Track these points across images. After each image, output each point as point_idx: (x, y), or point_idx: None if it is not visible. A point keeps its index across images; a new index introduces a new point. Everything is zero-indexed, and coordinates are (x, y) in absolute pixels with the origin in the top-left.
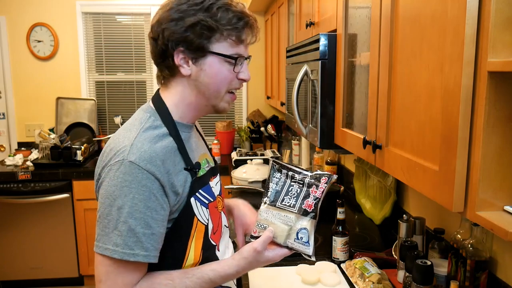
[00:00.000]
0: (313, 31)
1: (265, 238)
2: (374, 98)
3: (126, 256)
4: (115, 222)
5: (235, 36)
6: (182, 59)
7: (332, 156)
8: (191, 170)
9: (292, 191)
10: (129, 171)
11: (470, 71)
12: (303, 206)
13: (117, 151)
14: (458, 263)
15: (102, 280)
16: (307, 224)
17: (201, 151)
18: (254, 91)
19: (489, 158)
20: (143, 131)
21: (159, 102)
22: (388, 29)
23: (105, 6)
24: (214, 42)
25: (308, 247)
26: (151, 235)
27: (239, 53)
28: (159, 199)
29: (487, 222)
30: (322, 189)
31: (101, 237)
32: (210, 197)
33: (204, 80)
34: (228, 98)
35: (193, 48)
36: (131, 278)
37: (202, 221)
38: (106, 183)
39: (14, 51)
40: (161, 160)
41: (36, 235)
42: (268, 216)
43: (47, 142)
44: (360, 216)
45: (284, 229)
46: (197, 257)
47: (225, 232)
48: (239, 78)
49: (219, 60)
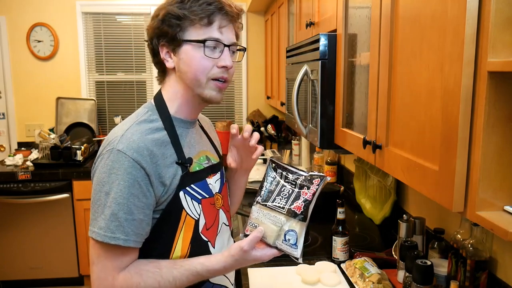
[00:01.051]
0: (313, 31)
1: (252, 238)
2: (374, 98)
3: (107, 239)
4: (102, 207)
5: (204, 20)
6: (166, 53)
7: (332, 156)
8: (181, 164)
9: (284, 192)
10: (117, 159)
11: (470, 71)
12: (292, 207)
13: (110, 141)
14: (458, 263)
15: (94, 262)
16: (296, 226)
17: (202, 148)
18: (254, 91)
19: (489, 158)
20: (137, 123)
21: (158, 98)
22: (388, 29)
23: (105, 6)
24: (186, 30)
25: (296, 249)
26: (132, 221)
27: (212, 37)
28: (143, 187)
29: (487, 222)
30: (313, 191)
31: (92, 221)
32: (205, 193)
33: (183, 69)
34: (213, 86)
35: (170, 39)
36: (119, 263)
37: (192, 215)
38: (98, 171)
39: (14, 51)
40: (149, 151)
41: (36, 235)
42: (259, 216)
43: (47, 142)
44: (360, 216)
45: (274, 229)
46: (185, 250)
47: (223, 231)
48: (218, 65)
49: (192, 47)
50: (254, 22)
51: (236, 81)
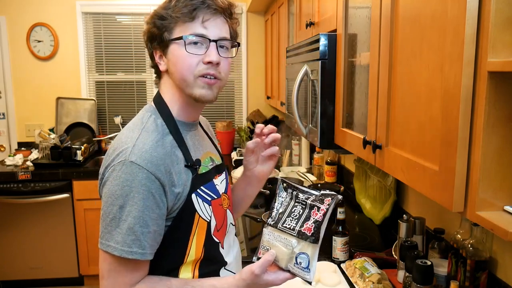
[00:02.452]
0: (313, 31)
1: (264, 262)
2: (374, 98)
3: (125, 254)
4: (117, 220)
5: (187, 16)
6: (159, 57)
7: (332, 156)
8: (191, 167)
9: (295, 213)
10: (130, 171)
11: (470, 71)
12: (302, 229)
13: (120, 151)
14: (458, 263)
15: (105, 276)
16: (307, 248)
17: (205, 150)
18: (254, 91)
19: (489, 158)
20: (145, 130)
21: (159, 101)
22: (388, 29)
23: (105, 6)
24: (172, 30)
25: (308, 273)
26: (147, 233)
27: (195, 32)
28: (157, 198)
29: (487, 222)
30: (324, 211)
31: (104, 234)
32: (214, 194)
33: (172, 70)
34: (201, 83)
35: (159, 41)
36: (130, 278)
37: (204, 217)
38: (109, 183)
39: (14, 51)
40: (162, 160)
41: (36, 235)
42: (270, 238)
43: (47, 142)
44: (360, 216)
45: (285, 252)
46: (199, 253)
47: (230, 230)
48: (204, 61)
49: (178, 46)
50: (254, 22)
51: (236, 81)
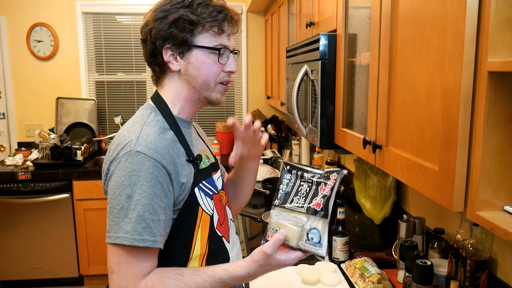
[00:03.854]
0: (313, 31)
1: (275, 241)
2: (374, 98)
3: (136, 242)
4: (125, 210)
5: (216, 27)
6: (170, 55)
7: (332, 156)
8: (193, 162)
9: (302, 191)
10: (137, 161)
11: (470, 71)
12: (311, 205)
13: (124, 144)
14: (458, 263)
15: (114, 270)
16: (318, 223)
17: (201, 147)
18: (254, 91)
19: (489, 158)
20: (147, 125)
21: (158, 100)
22: (388, 29)
23: (105, 6)
24: (197, 35)
25: (320, 247)
26: (157, 221)
27: (222, 44)
28: (164, 187)
29: (487, 222)
30: (331, 186)
31: (112, 227)
32: (214, 189)
33: (193, 73)
34: (220, 89)
35: (178, 43)
36: (141, 268)
37: (207, 211)
38: (115, 175)
39: (14, 51)
40: (167, 150)
41: (36, 235)
42: (279, 219)
43: (47, 142)
44: (360, 216)
45: (295, 230)
46: (204, 247)
47: (231, 226)
48: (225, 70)
49: (204, 52)
50: (254, 22)
51: (236, 81)
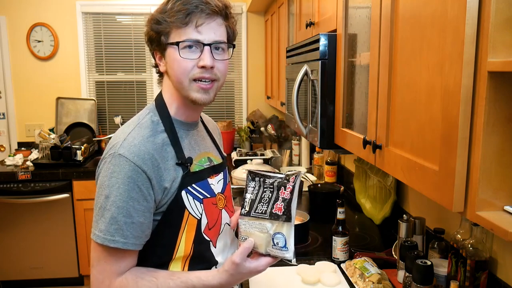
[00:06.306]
0: (313, 31)
1: (243, 250)
2: (374, 98)
3: (107, 242)
4: (102, 210)
5: (182, 21)
6: (159, 58)
7: (332, 156)
8: (182, 165)
9: (265, 197)
10: (118, 163)
11: (470, 71)
12: (273, 210)
13: (113, 145)
14: (458, 263)
15: (94, 265)
16: (282, 228)
17: (203, 150)
18: (254, 91)
19: (489, 158)
20: (139, 126)
21: (159, 100)
22: (388, 29)
23: (105, 6)
24: (168, 34)
25: (286, 251)
26: (131, 224)
27: (189, 38)
28: (143, 191)
29: (487, 222)
30: (290, 189)
31: (93, 223)
32: (207, 193)
33: (169, 72)
34: (195, 87)
35: (157, 44)
36: (117, 267)
37: (194, 214)
38: (101, 174)
39: (14, 51)
40: (150, 154)
41: (36, 235)
42: (246, 227)
43: (47, 142)
44: (360, 216)
45: (263, 237)
46: (188, 249)
47: (226, 230)
48: (198, 65)
49: (174, 50)
50: (254, 22)
51: (236, 81)
